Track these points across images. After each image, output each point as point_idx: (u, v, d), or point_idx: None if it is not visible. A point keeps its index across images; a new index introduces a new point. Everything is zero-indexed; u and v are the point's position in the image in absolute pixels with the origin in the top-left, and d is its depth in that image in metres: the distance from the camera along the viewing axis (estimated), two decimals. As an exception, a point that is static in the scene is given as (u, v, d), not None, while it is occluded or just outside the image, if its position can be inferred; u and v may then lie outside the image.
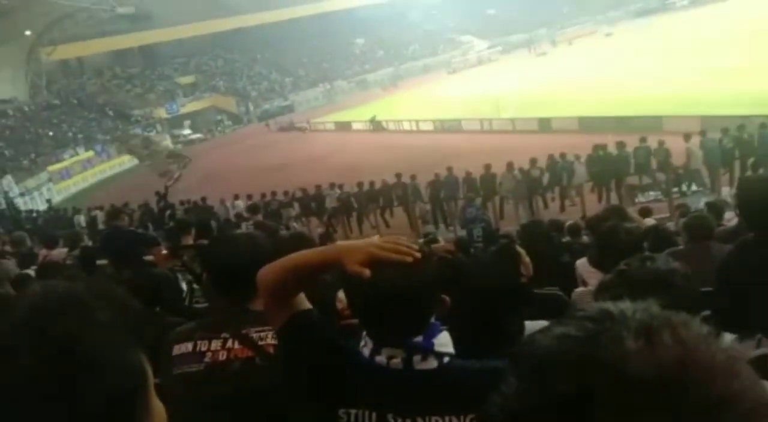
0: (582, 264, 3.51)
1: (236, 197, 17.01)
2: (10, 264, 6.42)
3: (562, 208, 13.79)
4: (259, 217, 9.14)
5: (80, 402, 0.52)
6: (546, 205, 14.20)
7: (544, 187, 14.05)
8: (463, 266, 2.58)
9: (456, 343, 1.40)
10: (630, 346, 0.50)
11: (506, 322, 2.00)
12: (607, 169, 13.41)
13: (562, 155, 14.21)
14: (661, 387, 0.48)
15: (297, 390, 1.51)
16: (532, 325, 2.13)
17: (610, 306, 0.56)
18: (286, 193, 16.92)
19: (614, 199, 12.87)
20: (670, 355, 0.49)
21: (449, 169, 14.95)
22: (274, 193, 16.82)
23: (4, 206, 23.80)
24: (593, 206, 12.47)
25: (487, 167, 14.30)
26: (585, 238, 6.20)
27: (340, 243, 1.48)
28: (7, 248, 8.22)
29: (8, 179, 28.62)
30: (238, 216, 14.66)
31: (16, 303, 0.56)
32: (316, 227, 14.68)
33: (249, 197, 16.72)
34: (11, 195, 26.75)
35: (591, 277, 3.20)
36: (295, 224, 13.75)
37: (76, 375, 0.53)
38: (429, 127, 30.22)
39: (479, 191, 13.85)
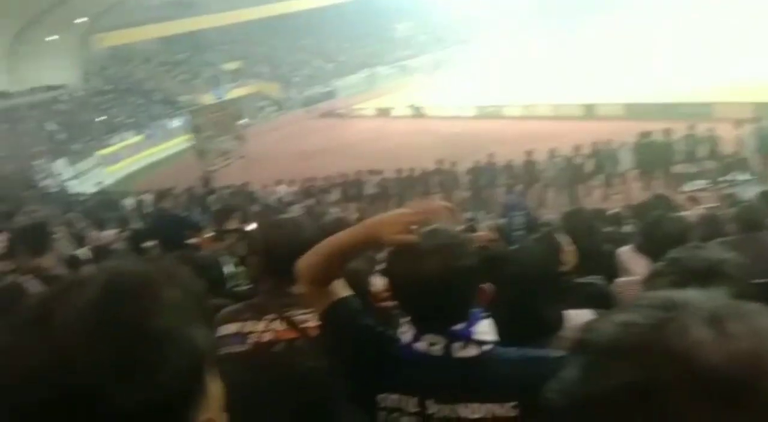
0: (624, 252, 3.45)
1: (278, 182, 17.24)
2: (63, 245, 6.70)
3: (606, 197, 13.52)
4: (304, 203, 9.26)
5: (152, 378, 0.56)
6: (589, 193, 13.94)
7: (588, 174, 13.78)
8: (503, 254, 2.58)
9: (496, 331, 1.41)
10: (700, 335, 0.50)
11: (546, 311, 2.00)
12: (653, 156, 13.05)
13: (607, 142, 13.88)
14: (732, 378, 0.47)
15: (338, 374, 1.56)
16: (572, 315, 2.12)
17: (674, 294, 0.55)
18: (326, 179, 17.07)
19: (660, 188, 12.53)
20: (742, 346, 0.49)
21: (490, 155, 14.80)
22: (313, 179, 16.99)
23: (57, 189, 24.70)
24: (638, 194, 12.18)
25: (529, 154, 14.11)
26: (627, 228, 6.07)
27: (368, 220, 1.47)
28: (60, 229, 8.53)
29: (61, 163, 29.64)
30: (281, 201, 14.91)
31: (84, 283, 0.59)
32: (354, 213, 14.78)
33: (290, 182, 16.97)
34: (64, 177, 27.72)
35: (635, 266, 3.15)
36: (333, 210, 13.87)
37: (149, 352, 0.56)
38: (470, 112, 29.88)
39: (520, 178, 13.69)
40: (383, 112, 35.85)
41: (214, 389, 0.65)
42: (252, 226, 5.89)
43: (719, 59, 26.65)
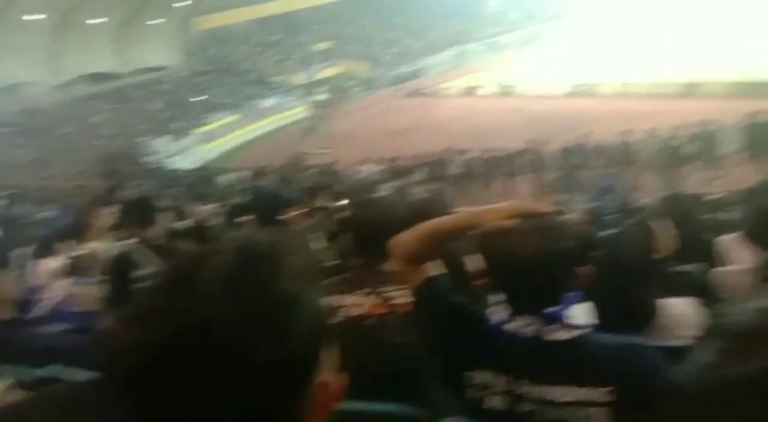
0: (727, 240, 3.25)
1: (363, 161, 17.43)
2: (167, 218, 7.13)
3: (707, 181, 12.69)
4: (391, 183, 9.36)
5: (285, 336, 0.61)
6: (688, 177, 13.13)
7: (688, 156, 12.95)
8: (596, 239, 2.52)
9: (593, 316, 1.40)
10: None
11: (641, 299, 1.95)
12: (763, 138, 12.08)
13: (710, 122, 12.98)
14: None
15: (428, 350, 1.60)
16: (669, 303, 2.05)
17: None
18: (411, 159, 17.06)
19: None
20: None
21: (584, 135, 14.24)
22: (398, 158, 17.02)
23: (160, 165, 26.26)
24: (743, 179, 11.33)
25: (625, 134, 13.44)
26: (729, 214, 5.69)
27: (471, 208, 1.51)
28: (164, 203, 9.08)
29: (163, 140, 31.43)
30: (366, 180, 15.10)
31: (219, 251, 0.65)
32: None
33: (377, 162, 17.12)
34: (167, 154, 29.42)
35: (740, 255, 2.98)
36: (418, 189, 13.86)
37: (281, 312, 0.62)
38: (562, 91, 28.79)
39: (615, 160, 13.09)
40: (471, 91, 35.26)
41: (331, 352, 0.71)
42: (340, 204, 6.04)
43: None
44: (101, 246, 4.39)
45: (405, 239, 1.53)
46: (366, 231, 2.07)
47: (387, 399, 1.64)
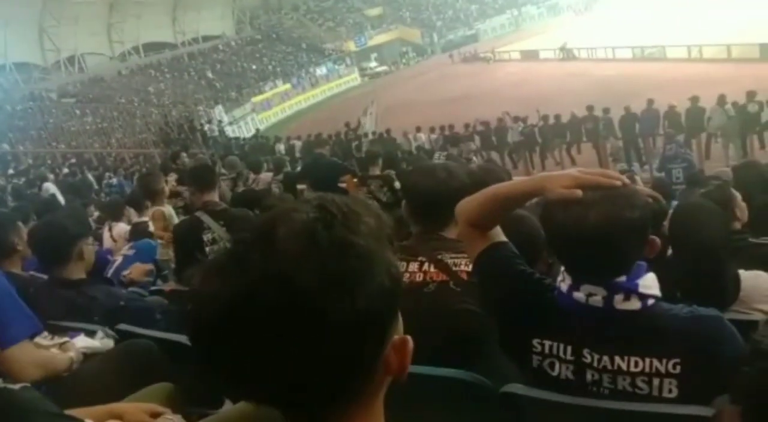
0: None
1: (418, 129, 17.29)
2: (225, 185, 7.31)
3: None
4: (446, 151, 9.27)
5: (362, 290, 0.62)
6: (763, 145, 12.43)
7: (762, 124, 12.23)
8: (665, 209, 2.41)
9: (661, 288, 1.35)
10: None
11: (715, 271, 1.87)
12: None
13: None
14: None
15: (491, 316, 1.58)
16: (746, 276, 1.96)
17: None
18: (466, 126, 16.79)
19: None
20: None
21: (649, 101, 13.61)
22: (452, 126, 16.77)
23: (217, 133, 26.86)
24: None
25: (694, 100, 12.78)
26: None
27: (538, 174, 1.47)
28: (222, 171, 9.33)
29: (219, 109, 32.09)
30: (421, 148, 15.00)
31: (297, 209, 0.66)
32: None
33: (431, 130, 16.94)
34: (223, 123, 30.05)
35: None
36: (474, 158, 13.67)
37: (357, 267, 0.62)
38: (627, 54, 27.64)
39: (683, 127, 12.48)
40: (530, 55, 34.28)
41: (399, 314, 0.71)
42: (395, 172, 6.05)
43: None
44: (166, 211, 4.55)
45: (471, 203, 1.52)
46: (424, 199, 2.05)
47: (448, 365, 1.64)
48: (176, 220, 4.43)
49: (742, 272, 1.98)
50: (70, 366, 2.06)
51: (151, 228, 4.53)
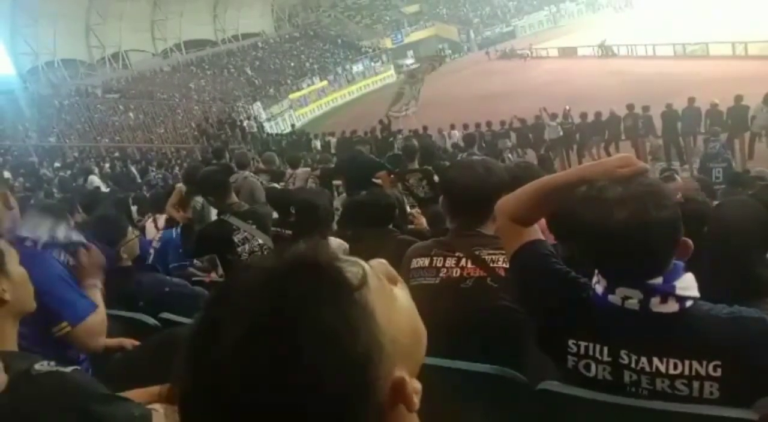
0: None
1: (452, 127, 17.17)
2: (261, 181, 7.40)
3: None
4: (474, 149, 9.17)
5: (316, 403, 0.56)
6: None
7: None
8: (705, 209, 2.37)
9: (700, 289, 1.33)
10: None
11: (754, 272, 1.82)
12: None
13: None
14: None
15: (528, 313, 1.58)
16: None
17: None
18: (502, 123, 16.62)
19: None
20: None
21: (691, 99, 13.25)
22: (489, 123, 16.62)
23: (255, 129, 27.22)
24: None
25: (738, 98, 12.37)
26: None
27: (581, 165, 1.47)
28: (261, 166, 9.44)
29: (258, 105, 32.50)
30: (457, 145, 14.92)
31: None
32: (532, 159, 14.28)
33: (465, 127, 16.81)
34: (261, 119, 30.44)
35: None
36: (510, 155, 13.52)
37: (304, 387, 0.56)
38: (668, 51, 26.92)
39: (726, 125, 12.12)
40: (568, 52, 33.72)
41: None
42: (431, 168, 6.03)
43: None
44: (181, 188, 4.66)
45: (514, 198, 1.52)
46: (462, 195, 2.06)
47: (486, 361, 1.65)
48: (206, 209, 4.50)
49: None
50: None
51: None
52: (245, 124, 26.91)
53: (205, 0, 42.90)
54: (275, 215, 3.89)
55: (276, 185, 6.99)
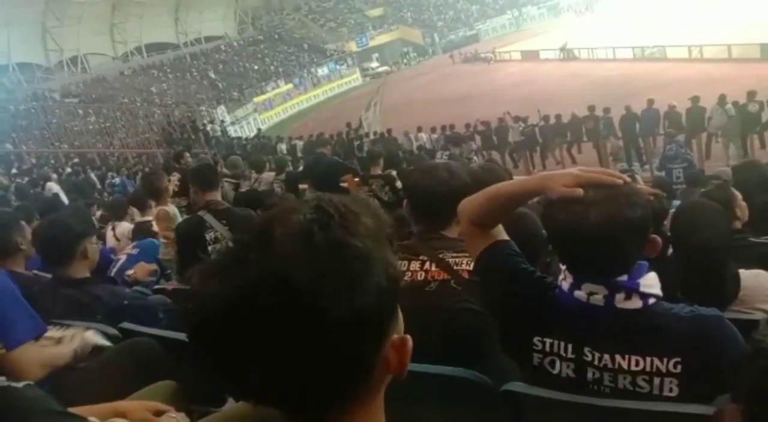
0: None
1: (419, 129, 17.27)
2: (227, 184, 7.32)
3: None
4: (448, 151, 9.25)
5: (360, 290, 0.62)
6: (763, 145, 12.42)
7: (763, 123, 12.22)
8: (665, 209, 2.42)
9: (663, 288, 1.35)
10: None
11: (716, 270, 1.87)
12: None
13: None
14: None
15: (493, 314, 1.58)
16: (746, 275, 1.97)
17: None
18: (467, 126, 16.79)
19: None
20: None
21: (650, 101, 13.62)
22: (453, 126, 16.77)
23: (219, 133, 26.86)
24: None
25: (695, 100, 12.78)
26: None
27: (540, 173, 1.48)
28: (225, 170, 9.32)
29: (222, 109, 32.11)
30: (423, 148, 15.00)
31: (296, 209, 0.66)
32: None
33: (432, 129, 16.92)
34: (225, 122, 30.06)
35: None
36: (475, 157, 13.68)
37: (355, 267, 0.62)
38: (627, 54, 27.62)
39: (683, 127, 12.48)
40: (530, 55, 34.26)
41: (398, 314, 0.71)
42: (396, 172, 6.05)
43: None
44: (169, 211, 4.56)
45: (473, 202, 1.52)
46: (425, 199, 2.06)
47: (449, 363, 1.65)
48: (180, 219, 4.44)
49: (742, 271, 1.98)
50: (74, 358, 2.06)
51: (155, 227, 4.55)
52: (209, 128, 26.53)
53: (166, 3, 42.22)
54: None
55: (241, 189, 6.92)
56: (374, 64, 44.49)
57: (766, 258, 2.29)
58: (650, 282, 1.32)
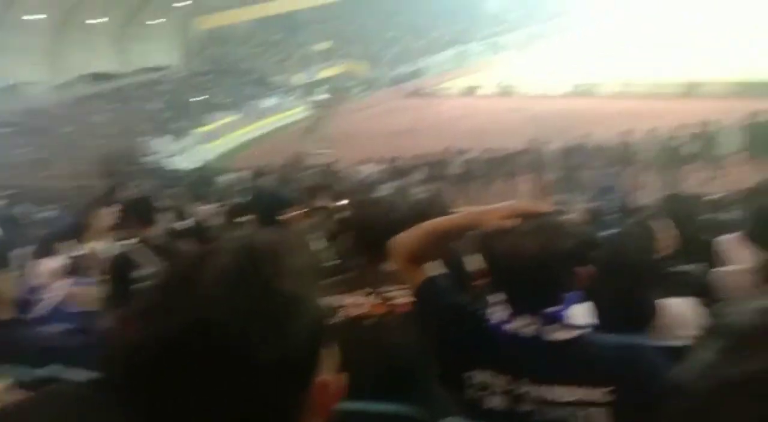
0: (727, 241, 3.25)
1: (363, 161, 17.40)
2: (167, 218, 7.13)
3: (707, 181, 12.68)
4: (391, 183, 9.34)
5: (285, 335, 0.62)
6: (689, 177, 13.13)
7: (689, 156, 12.95)
8: (596, 239, 2.51)
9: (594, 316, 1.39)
10: None
11: (642, 299, 1.95)
12: (763, 139, 12.08)
13: (711, 122, 12.98)
14: None
15: (428, 350, 1.59)
16: (670, 303, 2.05)
17: None
18: (411, 158, 17.04)
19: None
20: None
21: (583, 135, 14.24)
22: (398, 158, 16.99)
23: (160, 164, 26.24)
24: (743, 179, 11.32)
25: (626, 134, 13.45)
26: (729, 214, 5.69)
27: (470, 208, 1.51)
28: (164, 203, 9.09)
29: (165, 140, 31.43)
30: (367, 180, 15.08)
31: (220, 251, 0.66)
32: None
33: (376, 162, 17.09)
34: (167, 154, 29.41)
35: (739, 256, 2.97)
36: (419, 189, 13.83)
37: (281, 312, 0.62)
38: (563, 90, 28.81)
39: (615, 160, 13.08)
40: (472, 91, 35.26)
41: (330, 352, 0.71)
42: (340, 204, 6.04)
43: None
44: (101, 246, 4.39)
45: (405, 238, 1.54)
46: (366, 232, 2.07)
47: (386, 399, 1.64)
48: (111, 255, 4.29)
49: (667, 299, 2.07)
50: None
51: (87, 263, 4.36)
52: (152, 158, 25.89)
53: (110, 32, 41.38)
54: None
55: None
56: (320, 98, 44.67)
57: (688, 285, 2.40)
58: (581, 312, 1.36)
